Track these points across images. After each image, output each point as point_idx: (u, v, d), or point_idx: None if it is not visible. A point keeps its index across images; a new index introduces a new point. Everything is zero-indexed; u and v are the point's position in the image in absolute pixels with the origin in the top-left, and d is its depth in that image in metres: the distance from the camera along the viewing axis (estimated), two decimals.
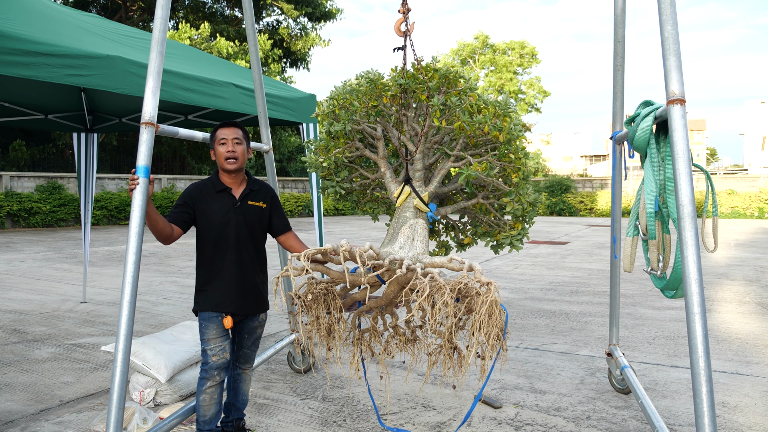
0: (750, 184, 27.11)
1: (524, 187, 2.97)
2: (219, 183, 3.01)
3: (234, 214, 2.97)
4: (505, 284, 8.47)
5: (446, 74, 3.07)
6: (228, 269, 2.94)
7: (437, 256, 2.80)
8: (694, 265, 2.12)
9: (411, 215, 3.07)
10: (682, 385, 4.10)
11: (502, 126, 2.93)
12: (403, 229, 2.99)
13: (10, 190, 19.23)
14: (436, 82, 3.05)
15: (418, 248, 2.87)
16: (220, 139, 2.96)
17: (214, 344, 2.89)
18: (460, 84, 3.09)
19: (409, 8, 3.09)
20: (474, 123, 2.90)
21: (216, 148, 2.97)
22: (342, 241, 2.57)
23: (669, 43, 2.24)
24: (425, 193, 3.10)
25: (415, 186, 3.13)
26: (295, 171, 31.97)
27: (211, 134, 3.04)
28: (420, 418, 3.51)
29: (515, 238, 3.14)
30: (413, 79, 3.07)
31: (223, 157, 2.94)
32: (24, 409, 3.66)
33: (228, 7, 28.27)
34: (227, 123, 3.02)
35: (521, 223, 3.14)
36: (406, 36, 3.09)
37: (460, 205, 3.23)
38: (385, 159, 3.26)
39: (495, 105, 3.01)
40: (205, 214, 2.94)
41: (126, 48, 4.10)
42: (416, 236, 2.93)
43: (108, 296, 7.49)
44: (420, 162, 3.17)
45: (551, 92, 47.22)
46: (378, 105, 3.17)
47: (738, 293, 7.69)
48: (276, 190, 4.26)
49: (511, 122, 2.97)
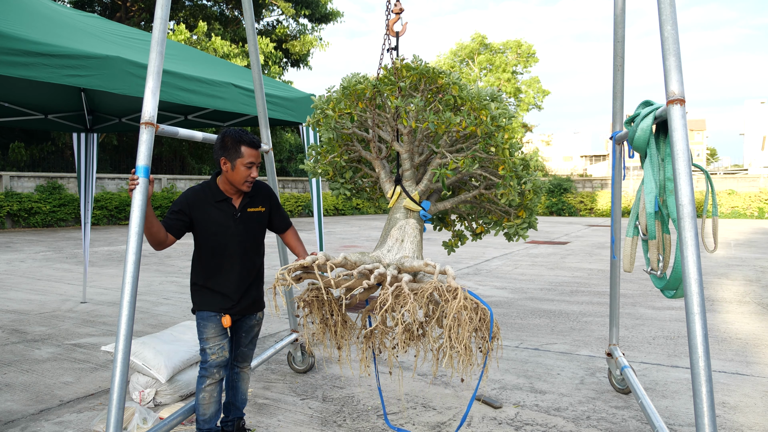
0: (750, 184, 27.11)
1: (511, 179, 2.94)
2: (219, 192, 2.93)
3: (234, 224, 2.93)
4: (505, 284, 8.47)
5: (423, 72, 3.06)
6: (227, 276, 2.94)
7: (417, 260, 2.79)
8: (694, 265, 2.12)
9: (401, 216, 3.08)
10: (682, 385, 4.10)
11: (479, 120, 2.90)
12: (393, 231, 3.00)
13: (10, 190, 19.23)
14: (409, 81, 3.04)
15: (407, 250, 2.87)
16: (247, 162, 2.84)
17: (213, 343, 2.89)
18: (441, 80, 3.07)
19: (402, 8, 3.10)
20: (444, 120, 2.88)
21: (238, 167, 2.83)
22: (319, 254, 2.63)
23: (669, 43, 2.24)
24: (415, 192, 3.10)
25: (405, 186, 3.13)
26: (295, 171, 31.97)
27: (233, 145, 2.85)
28: (420, 418, 3.51)
29: (520, 227, 3.14)
30: (383, 81, 3.08)
31: (244, 180, 2.86)
32: (24, 409, 3.66)
33: (228, 8, 28.27)
34: (254, 142, 2.88)
35: (524, 211, 3.13)
36: (398, 36, 3.10)
37: (460, 197, 3.22)
38: (378, 159, 3.26)
39: (471, 99, 2.97)
40: (203, 223, 2.89)
41: (125, 48, 4.10)
42: (405, 237, 2.93)
43: (108, 296, 7.49)
44: (408, 161, 3.16)
45: (551, 92, 47.18)
46: (351, 111, 3.18)
47: (738, 293, 7.69)
48: (276, 190, 4.27)
49: (487, 115, 2.92)
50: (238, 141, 2.85)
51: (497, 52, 45.99)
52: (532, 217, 3.17)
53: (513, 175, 2.94)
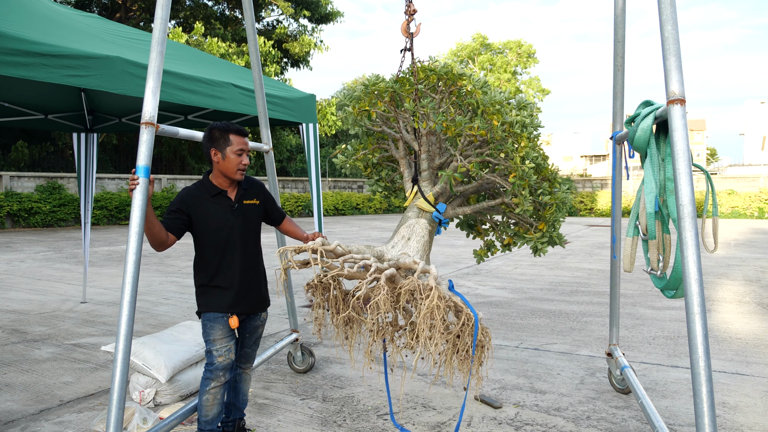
0: (750, 184, 27.11)
1: (521, 187, 2.92)
2: (213, 187, 2.95)
3: (232, 217, 2.95)
4: (505, 284, 8.47)
5: (444, 73, 3.05)
6: (231, 271, 2.94)
7: (408, 257, 2.78)
8: (694, 265, 2.12)
9: (413, 215, 3.07)
10: (682, 385, 4.10)
11: (489, 125, 2.89)
12: (402, 228, 3.00)
13: (10, 190, 19.24)
14: (425, 82, 3.05)
15: (413, 247, 2.87)
16: (237, 149, 2.88)
17: (220, 345, 2.88)
18: (462, 82, 3.07)
19: (415, 9, 3.09)
20: (454, 123, 2.88)
21: (228, 155, 2.87)
22: (318, 240, 2.73)
23: (669, 43, 2.24)
24: (430, 193, 3.09)
25: (422, 186, 3.13)
26: (295, 171, 31.98)
27: (221, 135, 2.90)
28: (420, 418, 3.51)
29: (539, 240, 3.08)
30: (402, 83, 3.08)
31: (236, 168, 2.89)
32: (24, 409, 3.65)
33: (228, 7, 28.28)
34: (241, 131, 2.93)
35: (545, 224, 3.06)
36: (412, 37, 3.10)
37: (481, 205, 3.19)
38: (404, 158, 3.28)
39: (485, 104, 2.96)
40: (202, 218, 2.91)
41: (125, 48, 4.10)
42: (413, 235, 2.93)
43: (108, 296, 7.49)
44: (426, 162, 3.17)
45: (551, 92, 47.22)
46: (370, 109, 3.18)
47: (738, 293, 7.69)
48: (276, 189, 4.27)
49: (500, 120, 2.91)
50: (226, 130, 2.91)
51: (497, 52, 46.02)
52: (554, 231, 3.06)
53: (523, 184, 2.90)
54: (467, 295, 7.59)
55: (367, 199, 31.37)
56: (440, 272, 9.60)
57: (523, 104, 3.04)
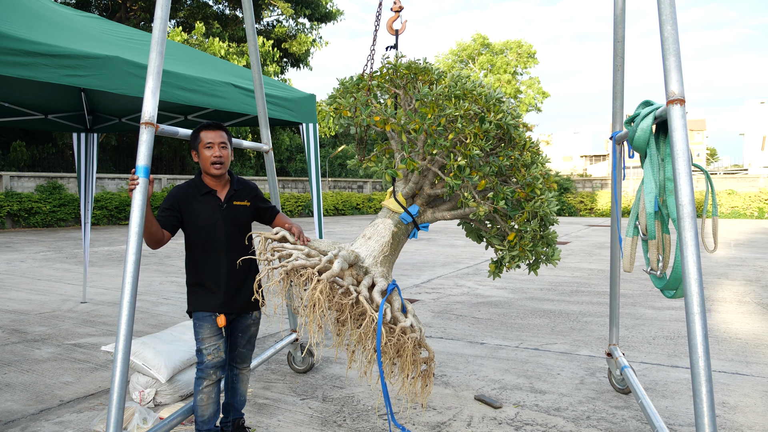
0: (750, 184, 27.12)
1: (464, 188, 2.84)
2: (203, 186, 2.97)
3: (220, 216, 2.95)
4: (505, 284, 8.47)
5: (406, 68, 3.05)
6: (217, 270, 2.94)
7: (344, 251, 2.80)
8: (694, 265, 2.12)
9: (381, 215, 3.07)
10: (682, 385, 4.10)
11: (437, 120, 2.84)
12: (367, 228, 3.02)
13: (10, 190, 19.23)
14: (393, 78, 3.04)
15: (371, 247, 2.88)
16: (206, 143, 2.90)
17: (209, 343, 2.89)
18: (425, 77, 3.06)
19: (401, 6, 3.11)
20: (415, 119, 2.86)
21: (201, 152, 2.92)
22: (281, 231, 2.91)
23: (669, 43, 2.24)
24: (399, 192, 3.08)
25: (396, 186, 3.12)
26: (295, 171, 31.98)
27: (193, 135, 2.95)
28: (420, 418, 3.51)
29: (509, 253, 3.01)
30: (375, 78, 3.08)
31: (209, 162, 2.91)
32: (24, 409, 3.66)
33: (228, 7, 28.27)
34: (211, 125, 2.95)
35: (514, 234, 2.96)
36: (398, 34, 3.11)
37: (460, 211, 3.14)
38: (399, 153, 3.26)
39: (433, 95, 2.89)
40: (191, 217, 2.93)
41: (125, 48, 4.10)
42: (374, 235, 2.94)
43: (108, 296, 7.49)
44: (399, 161, 3.14)
45: (551, 93, 47.33)
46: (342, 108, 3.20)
47: (738, 293, 7.69)
48: (276, 190, 4.27)
49: (436, 111, 2.84)
50: (197, 130, 2.96)
51: (498, 52, 46.02)
52: (528, 244, 2.94)
53: (464, 184, 2.85)
54: (467, 295, 7.59)
55: (367, 199, 31.38)
56: (440, 272, 9.62)
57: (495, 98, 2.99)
